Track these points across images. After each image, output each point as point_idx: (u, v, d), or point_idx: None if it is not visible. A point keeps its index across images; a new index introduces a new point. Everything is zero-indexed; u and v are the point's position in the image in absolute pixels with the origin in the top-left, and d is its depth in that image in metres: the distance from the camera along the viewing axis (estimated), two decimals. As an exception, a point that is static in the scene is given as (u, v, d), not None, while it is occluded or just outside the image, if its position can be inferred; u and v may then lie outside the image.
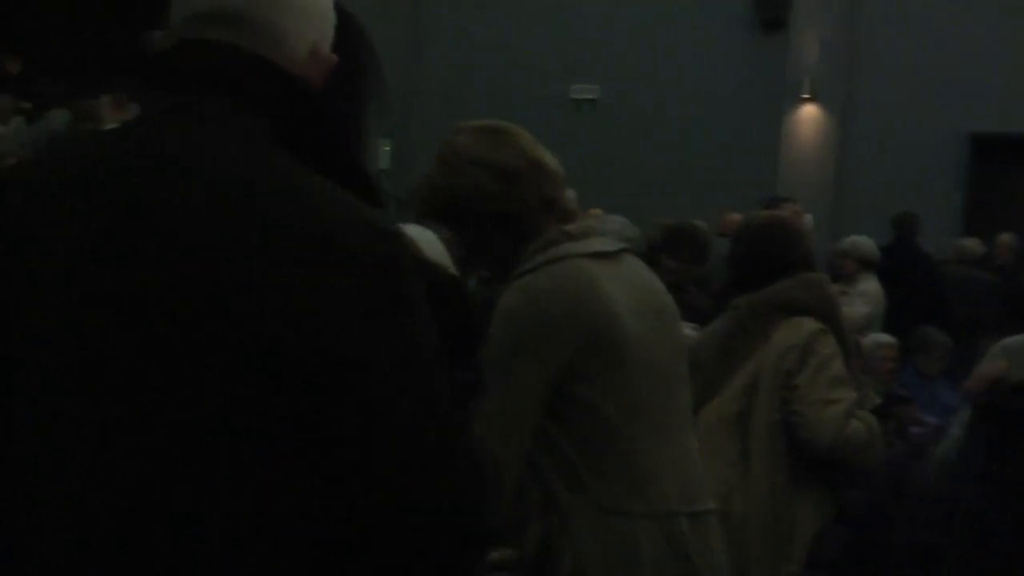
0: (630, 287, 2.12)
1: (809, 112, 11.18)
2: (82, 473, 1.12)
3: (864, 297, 6.17)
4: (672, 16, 11.80)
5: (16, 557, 1.14)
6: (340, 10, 1.40)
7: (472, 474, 1.23)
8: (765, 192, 9.69)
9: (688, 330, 3.63)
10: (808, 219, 7.10)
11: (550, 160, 2.14)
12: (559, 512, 2.04)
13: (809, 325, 3.25)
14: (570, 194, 2.77)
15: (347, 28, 12.73)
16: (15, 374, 1.14)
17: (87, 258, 1.14)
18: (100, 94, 9.27)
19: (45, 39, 11.08)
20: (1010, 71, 10.43)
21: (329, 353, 1.11)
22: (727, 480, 3.11)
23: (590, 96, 12.34)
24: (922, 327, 6.75)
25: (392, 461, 1.16)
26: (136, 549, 1.11)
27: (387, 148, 13.07)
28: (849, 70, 11.13)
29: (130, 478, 1.11)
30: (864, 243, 6.75)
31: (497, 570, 2.10)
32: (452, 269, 3.45)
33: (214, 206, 1.13)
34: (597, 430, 2.02)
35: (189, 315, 1.11)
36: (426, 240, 3.39)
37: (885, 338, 5.90)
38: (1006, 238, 8.91)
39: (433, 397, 1.19)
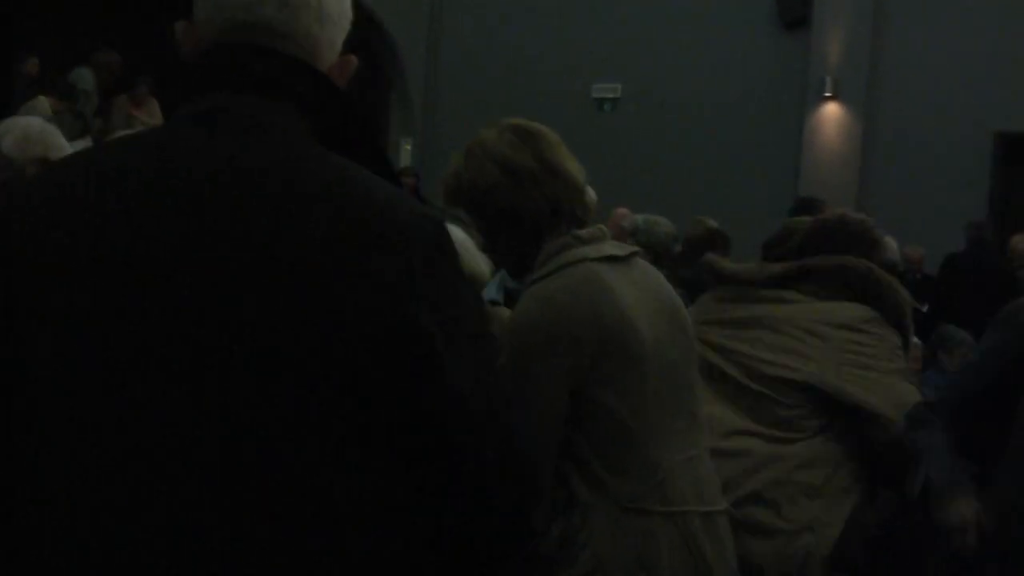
0: (642, 290, 2.17)
1: (832, 111, 11.13)
2: (158, 464, 1.14)
3: None
4: (694, 15, 11.78)
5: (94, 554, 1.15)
6: (362, 9, 1.41)
7: (527, 455, 1.33)
8: (788, 191, 9.66)
9: None
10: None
11: (571, 168, 2.18)
12: (580, 510, 2.08)
13: None
14: (590, 194, 2.77)
15: (369, 28, 12.75)
16: (97, 368, 1.16)
17: (161, 258, 1.17)
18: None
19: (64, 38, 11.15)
20: (1036, 69, 10.35)
21: (406, 330, 1.18)
22: None
23: (611, 95, 12.34)
24: (942, 326, 6.72)
25: (467, 431, 1.23)
26: (216, 534, 1.14)
27: (408, 147, 13.10)
28: (872, 68, 11.08)
29: (218, 465, 1.14)
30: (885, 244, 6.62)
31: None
32: (483, 265, 3.48)
33: (281, 204, 1.19)
34: (615, 432, 2.07)
35: (265, 303, 1.15)
36: (457, 239, 3.42)
37: (912, 340, 5.87)
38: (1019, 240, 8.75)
39: (496, 369, 1.29)
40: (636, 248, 2.26)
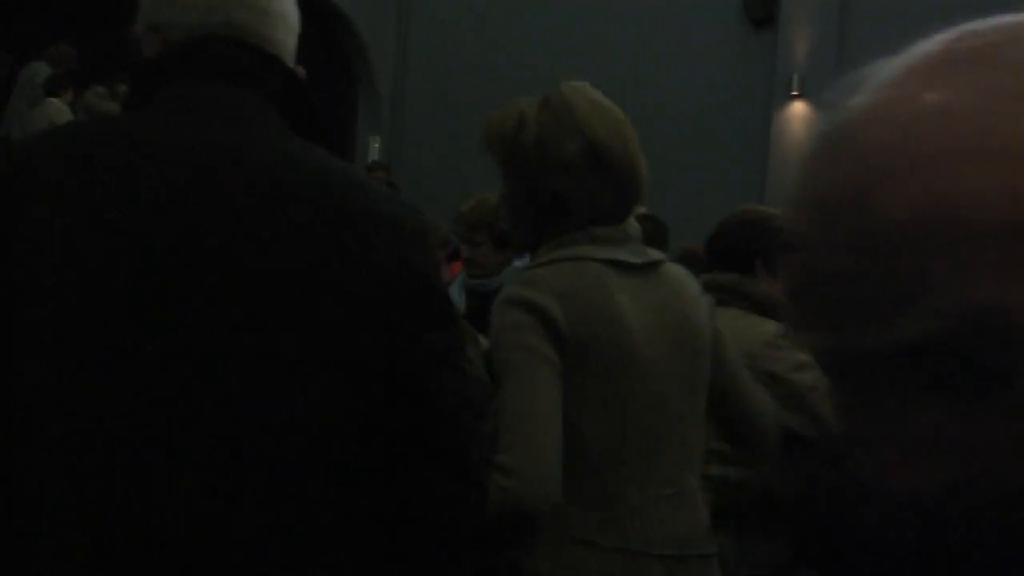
0: (650, 306, 1.95)
1: (799, 109, 11.19)
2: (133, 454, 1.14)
3: None
4: (661, 14, 11.80)
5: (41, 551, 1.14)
6: (332, 10, 1.41)
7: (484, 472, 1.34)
8: (756, 189, 9.70)
9: None
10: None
11: (641, 170, 2.10)
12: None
13: None
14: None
15: (338, 27, 12.70)
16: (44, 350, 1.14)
17: (145, 245, 1.16)
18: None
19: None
20: (999, 69, 10.43)
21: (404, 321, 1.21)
22: None
23: (580, 93, 12.32)
24: None
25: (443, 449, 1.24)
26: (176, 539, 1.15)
27: (376, 144, 13.06)
28: (839, 67, 11.14)
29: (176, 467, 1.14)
30: None
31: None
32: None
33: (276, 193, 1.20)
34: (576, 454, 1.83)
35: (265, 295, 1.16)
36: None
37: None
38: None
39: (466, 376, 1.31)
40: (660, 257, 2.04)
